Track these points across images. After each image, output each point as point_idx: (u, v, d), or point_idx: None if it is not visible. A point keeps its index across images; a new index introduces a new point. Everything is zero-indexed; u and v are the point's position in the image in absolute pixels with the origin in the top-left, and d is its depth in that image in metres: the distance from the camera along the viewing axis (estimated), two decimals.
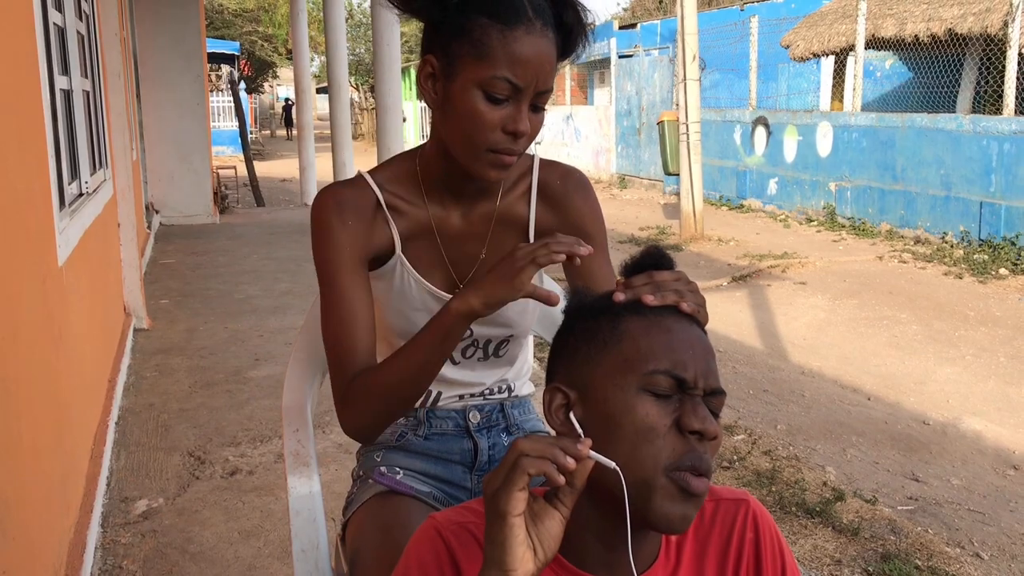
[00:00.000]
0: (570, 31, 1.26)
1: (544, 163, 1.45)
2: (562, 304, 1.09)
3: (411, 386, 1.29)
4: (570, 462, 0.84)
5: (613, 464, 0.89)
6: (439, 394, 1.50)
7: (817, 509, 3.17)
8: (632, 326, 0.97)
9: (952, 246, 8.27)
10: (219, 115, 23.52)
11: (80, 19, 4.47)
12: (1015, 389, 4.68)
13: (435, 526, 0.99)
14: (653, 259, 1.04)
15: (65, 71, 3.88)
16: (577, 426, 0.95)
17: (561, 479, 0.84)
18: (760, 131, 11.60)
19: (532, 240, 1.44)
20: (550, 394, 0.99)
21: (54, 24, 3.54)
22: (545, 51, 1.23)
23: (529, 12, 1.21)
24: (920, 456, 3.86)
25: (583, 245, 1.13)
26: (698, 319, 1.01)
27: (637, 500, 0.90)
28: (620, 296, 1.00)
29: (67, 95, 3.90)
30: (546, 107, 1.28)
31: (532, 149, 1.36)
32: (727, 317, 6.25)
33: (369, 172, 1.41)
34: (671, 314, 0.98)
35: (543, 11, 1.23)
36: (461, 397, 1.51)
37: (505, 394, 1.55)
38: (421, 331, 1.28)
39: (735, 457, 3.67)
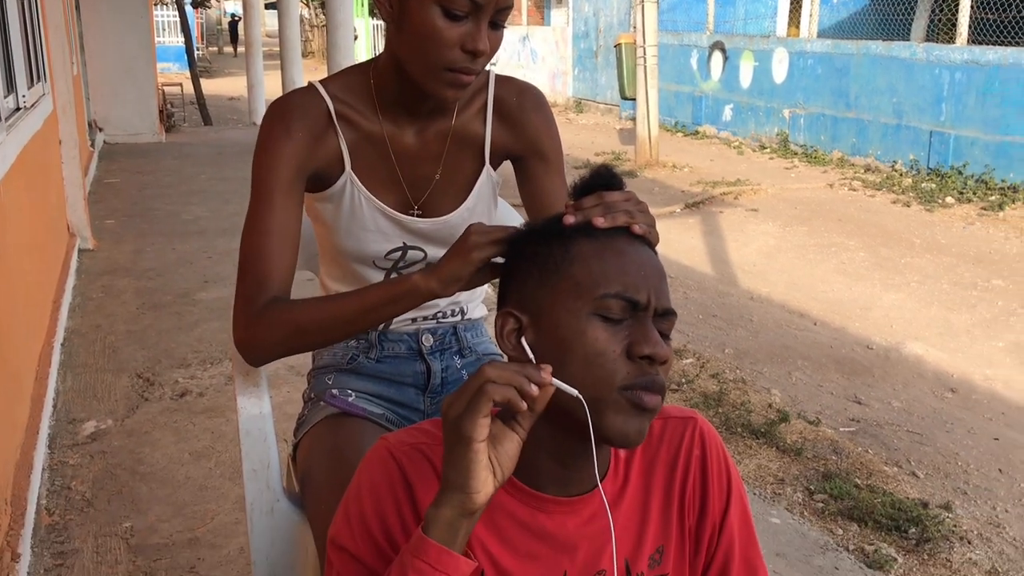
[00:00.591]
0: None
1: (500, 79, 1.42)
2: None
3: (336, 330, 1.25)
4: (534, 389, 0.85)
5: (576, 392, 0.89)
6: None
7: (762, 430, 3.25)
8: (583, 249, 0.96)
9: (901, 174, 8.38)
10: (164, 30, 22.76)
11: None
12: (956, 315, 4.81)
13: (387, 447, 0.99)
14: (603, 179, 1.02)
15: None
16: (528, 351, 0.95)
17: (524, 406, 0.85)
18: (717, 56, 11.53)
19: (488, 158, 1.41)
20: (502, 319, 0.98)
21: None
22: None
23: None
24: (863, 379, 3.96)
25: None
26: (649, 240, 1.00)
27: (592, 416, 0.90)
28: (570, 219, 0.98)
29: (0, 5, 3.73)
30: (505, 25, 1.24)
31: (488, 68, 1.32)
32: (679, 243, 6.30)
33: (320, 81, 1.37)
34: (622, 236, 0.97)
35: None
36: (414, 320, 1.50)
37: (458, 317, 1.54)
38: (373, 285, 1.25)
39: (683, 380, 3.74)
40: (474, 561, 0.88)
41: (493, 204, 1.47)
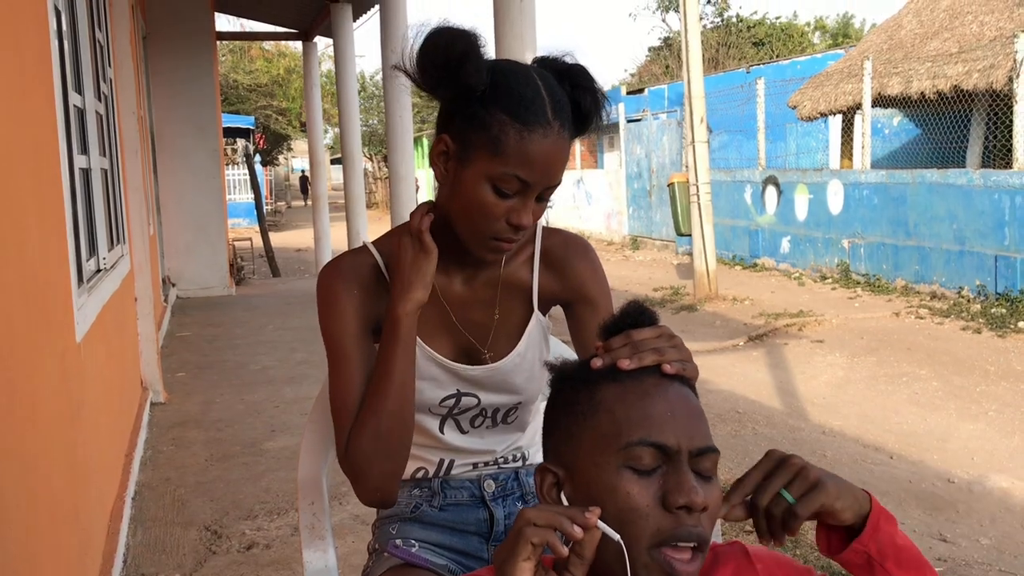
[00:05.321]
0: (586, 116, 1.28)
1: (547, 231, 1.47)
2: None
3: (394, 404, 1.29)
4: (577, 531, 0.83)
5: (617, 536, 0.87)
6: (451, 462, 1.49)
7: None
8: (608, 395, 0.92)
9: (969, 300, 8.22)
10: (235, 188, 23.84)
11: (99, 100, 4.57)
12: None
13: None
14: (632, 317, 0.99)
15: (84, 151, 3.96)
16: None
17: (565, 550, 0.83)
18: (771, 190, 11.66)
19: (536, 305, 1.45)
20: (540, 475, 0.96)
21: (74, 106, 3.62)
22: (560, 151, 1.25)
23: (549, 114, 1.22)
24: (947, 515, 3.79)
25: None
26: (684, 376, 0.97)
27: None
28: (597, 362, 0.96)
29: (86, 173, 3.97)
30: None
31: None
32: (744, 377, 6.21)
33: (373, 242, 1.43)
34: (651, 376, 0.94)
35: (562, 110, 1.24)
36: (475, 466, 1.50)
37: (519, 462, 1.54)
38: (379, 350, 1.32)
39: None
40: None
41: (545, 346, 1.49)
